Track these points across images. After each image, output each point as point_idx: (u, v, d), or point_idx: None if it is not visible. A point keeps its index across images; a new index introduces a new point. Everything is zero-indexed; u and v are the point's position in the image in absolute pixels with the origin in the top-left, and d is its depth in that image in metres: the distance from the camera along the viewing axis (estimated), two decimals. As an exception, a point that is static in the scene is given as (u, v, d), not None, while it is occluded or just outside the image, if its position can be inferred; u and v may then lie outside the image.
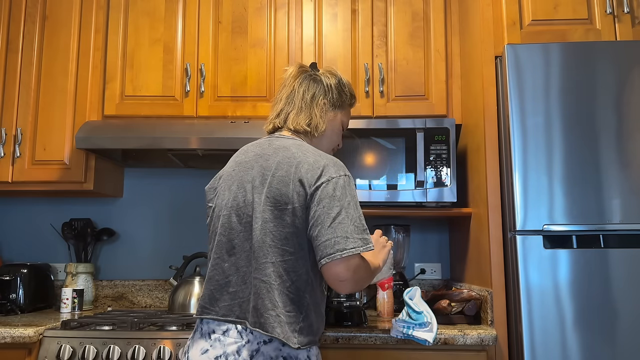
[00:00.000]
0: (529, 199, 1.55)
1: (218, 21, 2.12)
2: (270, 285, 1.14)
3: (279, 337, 1.11)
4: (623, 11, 1.70)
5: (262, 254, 1.15)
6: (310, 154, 1.20)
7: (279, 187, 1.17)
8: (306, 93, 1.33)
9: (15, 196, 2.35)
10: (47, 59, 2.09)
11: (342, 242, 1.08)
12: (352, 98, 1.43)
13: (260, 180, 1.20)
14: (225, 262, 1.21)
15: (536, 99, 1.60)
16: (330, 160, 1.20)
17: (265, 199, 1.17)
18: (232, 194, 1.24)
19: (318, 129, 1.32)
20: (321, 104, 1.34)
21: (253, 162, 1.24)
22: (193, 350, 1.19)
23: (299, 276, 1.16)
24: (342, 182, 1.15)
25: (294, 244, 1.16)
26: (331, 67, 1.42)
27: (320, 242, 1.10)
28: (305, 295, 1.17)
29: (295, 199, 1.15)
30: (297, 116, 1.31)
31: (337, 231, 1.09)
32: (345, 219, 1.11)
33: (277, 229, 1.16)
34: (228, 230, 1.22)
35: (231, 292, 1.18)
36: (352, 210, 1.13)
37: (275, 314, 1.13)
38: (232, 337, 1.15)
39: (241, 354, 1.12)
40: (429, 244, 2.30)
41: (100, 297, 2.28)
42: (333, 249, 1.08)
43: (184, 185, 2.37)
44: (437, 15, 2.09)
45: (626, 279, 1.50)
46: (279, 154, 1.22)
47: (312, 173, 1.16)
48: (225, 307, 1.18)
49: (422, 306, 1.49)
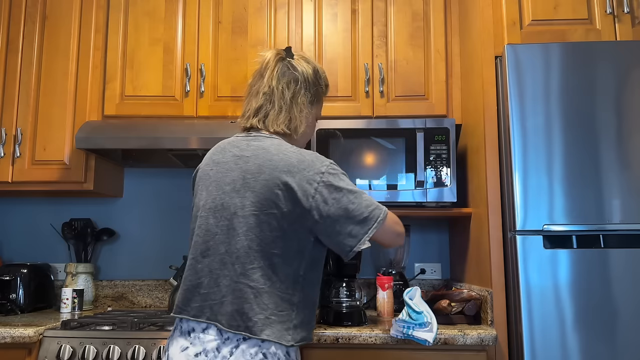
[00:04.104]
0: (529, 199, 1.55)
1: (218, 21, 2.12)
2: (258, 290, 1.14)
3: (268, 339, 1.12)
4: (623, 11, 1.70)
5: (248, 260, 1.15)
6: (291, 154, 1.20)
7: (263, 192, 1.16)
8: (286, 92, 1.29)
9: (15, 196, 2.35)
10: (47, 59, 2.09)
11: (371, 214, 1.17)
12: (326, 88, 1.41)
13: (241, 183, 1.19)
14: (199, 264, 1.20)
15: (536, 99, 1.60)
16: (311, 156, 1.20)
17: (249, 204, 1.17)
18: (210, 196, 1.23)
19: (297, 130, 1.31)
20: (300, 104, 1.31)
21: (232, 164, 1.23)
22: (173, 348, 1.19)
23: (287, 276, 1.17)
24: (332, 171, 1.19)
25: (281, 246, 1.16)
26: (304, 52, 1.39)
27: (348, 231, 1.16)
28: (295, 293, 1.18)
29: (282, 203, 1.15)
30: (277, 117, 1.28)
31: (356, 215, 1.16)
32: (355, 200, 1.17)
33: (263, 233, 1.15)
34: (204, 231, 1.21)
35: (202, 294, 1.18)
36: (353, 190, 1.18)
37: (265, 316, 1.13)
38: (212, 334, 1.15)
39: (221, 351, 1.13)
40: (429, 244, 2.30)
41: (100, 297, 2.28)
42: (368, 225, 1.16)
43: (184, 185, 2.37)
44: (437, 15, 2.09)
45: (626, 279, 1.50)
46: (259, 156, 1.20)
47: (299, 175, 1.16)
48: (196, 308, 1.18)
49: (422, 306, 1.49)
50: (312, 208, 1.15)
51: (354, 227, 1.16)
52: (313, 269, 1.22)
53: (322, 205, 1.15)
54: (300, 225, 1.17)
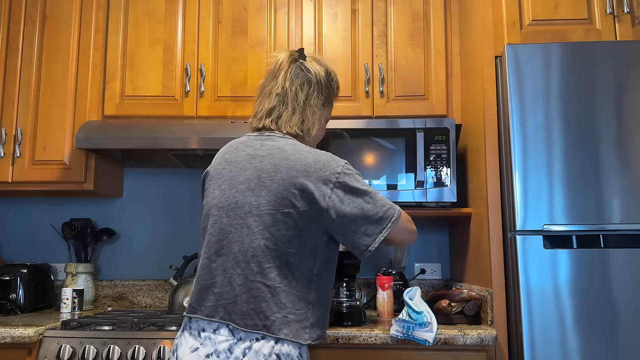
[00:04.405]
0: (529, 199, 1.55)
1: (218, 21, 2.12)
2: (275, 289, 1.14)
3: (287, 338, 1.12)
4: (623, 11, 1.70)
5: (265, 259, 1.15)
6: (307, 154, 1.20)
7: (280, 191, 1.16)
8: (299, 93, 1.29)
9: (15, 196, 2.35)
10: (47, 59, 2.09)
11: (386, 214, 1.20)
12: (338, 90, 1.42)
13: (256, 182, 1.19)
14: (213, 263, 1.20)
15: (536, 99, 1.60)
16: (327, 156, 1.21)
17: (265, 203, 1.17)
18: (223, 194, 1.23)
19: (310, 132, 1.31)
20: (313, 106, 1.31)
21: (246, 163, 1.23)
22: (182, 349, 1.18)
23: (303, 275, 1.17)
24: (348, 171, 1.20)
25: (297, 245, 1.17)
26: (315, 54, 1.40)
27: (363, 231, 1.18)
28: (311, 292, 1.18)
29: (299, 202, 1.16)
30: (291, 118, 1.28)
31: (372, 214, 1.19)
32: (370, 200, 1.19)
33: (279, 232, 1.16)
34: (218, 230, 1.21)
35: (216, 293, 1.17)
36: (368, 190, 1.20)
37: (282, 315, 1.13)
38: (224, 335, 1.14)
39: (233, 352, 1.12)
40: (429, 244, 2.30)
41: (100, 297, 2.28)
42: (382, 225, 1.19)
43: (184, 185, 2.37)
44: (437, 15, 2.09)
45: (626, 279, 1.50)
46: (275, 155, 1.21)
47: (316, 175, 1.17)
48: (210, 307, 1.17)
49: (422, 306, 1.49)
50: (328, 208, 1.16)
51: (369, 226, 1.18)
52: (326, 268, 1.23)
53: (338, 205, 1.17)
54: (316, 224, 1.18)
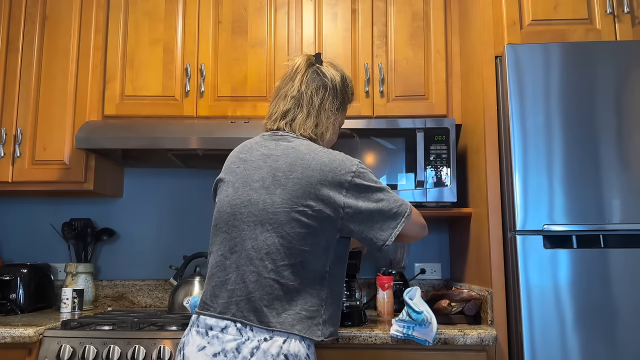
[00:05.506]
0: (529, 199, 1.55)
1: (218, 21, 2.12)
2: (288, 286, 1.15)
3: (300, 334, 1.13)
4: (623, 11, 1.70)
5: (279, 256, 1.16)
6: (322, 154, 1.22)
7: (295, 190, 1.17)
8: (315, 97, 1.31)
9: (15, 196, 2.35)
10: (47, 59, 2.09)
11: (399, 210, 1.23)
12: (352, 95, 1.44)
13: (271, 180, 1.20)
14: (227, 260, 1.21)
15: (536, 98, 1.60)
16: (341, 155, 1.23)
17: (280, 201, 1.18)
18: (237, 192, 1.24)
19: (324, 136, 1.33)
20: (328, 110, 1.33)
21: (260, 162, 1.24)
22: (189, 347, 1.18)
23: (315, 272, 1.18)
24: (362, 170, 1.22)
25: (311, 243, 1.18)
26: (332, 59, 1.41)
27: (379, 227, 1.21)
28: (323, 289, 1.19)
29: (314, 201, 1.17)
30: (305, 121, 1.30)
31: (386, 210, 1.22)
32: (383, 197, 1.22)
33: (293, 230, 1.16)
34: (232, 228, 1.22)
35: (229, 290, 1.18)
36: (382, 187, 1.24)
37: (295, 312, 1.15)
38: (231, 334, 1.14)
39: (241, 352, 1.12)
40: (429, 243, 2.30)
41: (100, 297, 2.28)
42: (397, 220, 1.22)
43: (184, 185, 2.37)
44: (437, 15, 2.09)
45: (626, 279, 1.50)
46: (290, 155, 1.22)
47: (332, 174, 1.18)
48: (222, 305, 1.18)
49: (422, 306, 1.48)
50: (345, 205, 1.18)
51: (384, 222, 1.21)
52: (338, 265, 1.25)
53: (354, 202, 1.19)
54: (330, 222, 1.19)
